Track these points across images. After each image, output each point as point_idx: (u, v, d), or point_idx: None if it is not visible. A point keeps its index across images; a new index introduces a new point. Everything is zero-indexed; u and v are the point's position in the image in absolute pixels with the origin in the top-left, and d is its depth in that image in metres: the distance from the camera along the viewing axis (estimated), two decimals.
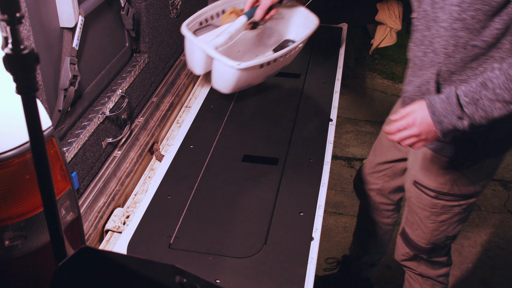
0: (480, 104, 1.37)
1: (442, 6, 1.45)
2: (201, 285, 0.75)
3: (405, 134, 1.48)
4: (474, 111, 1.38)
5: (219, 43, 1.94)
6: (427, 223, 1.85)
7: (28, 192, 1.01)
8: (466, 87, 1.39)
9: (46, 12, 1.47)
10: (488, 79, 1.36)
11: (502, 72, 1.34)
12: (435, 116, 1.42)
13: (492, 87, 1.35)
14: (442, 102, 1.41)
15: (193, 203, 1.60)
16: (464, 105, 1.38)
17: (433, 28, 1.50)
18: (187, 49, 2.00)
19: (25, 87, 0.66)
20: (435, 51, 1.52)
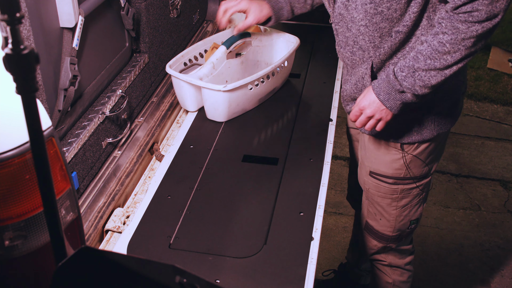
0: (417, 75, 1.49)
1: (355, 7, 1.56)
2: (201, 285, 0.75)
3: (362, 118, 1.62)
4: (412, 82, 1.51)
5: (204, 73, 1.99)
6: (390, 211, 1.90)
7: (28, 192, 1.01)
8: (401, 63, 1.53)
9: (46, 12, 1.47)
10: (419, 52, 1.49)
11: (428, 44, 1.47)
12: (380, 96, 1.56)
13: (423, 59, 1.48)
14: (383, 81, 1.56)
15: (193, 203, 1.60)
16: (402, 79, 1.51)
17: (353, 28, 1.60)
18: (176, 87, 2.04)
19: (25, 87, 0.66)
20: (362, 48, 1.63)
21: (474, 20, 1.39)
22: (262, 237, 1.47)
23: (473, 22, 1.40)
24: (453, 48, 1.44)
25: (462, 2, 1.39)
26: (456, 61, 1.46)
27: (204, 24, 2.81)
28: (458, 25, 1.41)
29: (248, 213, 1.57)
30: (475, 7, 1.38)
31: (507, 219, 3.05)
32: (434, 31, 1.48)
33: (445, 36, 1.44)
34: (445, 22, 1.44)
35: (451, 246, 2.84)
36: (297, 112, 2.05)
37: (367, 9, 1.53)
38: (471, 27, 1.41)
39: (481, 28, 1.40)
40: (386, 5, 1.50)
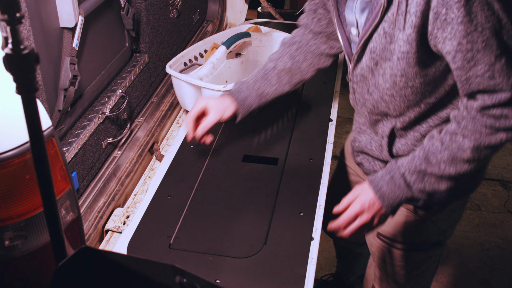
0: (427, 180, 1.30)
1: (382, 74, 1.34)
2: (201, 285, 0.75)
3: (356, 224, 1.36)
4: (421, 188, 1.31)
5: (204, 73, 2.00)
6: (399, 279, 1.70)
7: (28, 192, 1.01)
8: (409, 164, 1.32)
9: (46, 12, 1.47)
10: (431, 153, 1.29)
11: (445, 147, 1.27)
12: (384, 201, 1.34)
13: (437, 162, 1.28)
14: (388, 184, 1.34)
15: (193, 203, 1.59)
16: (411, 183, 1.31)
17: (375, 93, 1.39)
18: (175, 87, 2.05)
19: (25, 87, 0.66)
20: (381, 113, 1.43)
21: (501, 126, 1.21)
22: (262, 237, 1.47)
23: (499, 128, 1.21)
24: (473, 155, 1.25)
25: (492, 103, 1.20)
26: (471, 169, 1.27)
27: (204, 24, 2.81)
28: (482, 129, 1.22)
29: (248, 213, 1.56)
30: (505, 113, 1.20)
31: (507, 219, 3.05)
32: (451, 130, 1.27)
33: (466, 141, 1.24)
34: (465, 123, 1.24)
35: (451, 246, 2.84)
36: (297, 112, 2.05)
37: (396, 81, 1.31)
38: (495, 134, 1.22)
39: (505, 137, 1.23)
40: (419, 81, 1.30)
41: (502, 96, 1.19)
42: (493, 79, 1.18)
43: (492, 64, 1.17)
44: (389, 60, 1.29)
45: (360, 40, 1.33)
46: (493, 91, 1.19)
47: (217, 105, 1.63)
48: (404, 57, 1.25)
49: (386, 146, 1.46)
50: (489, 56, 1.16)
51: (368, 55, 1.34)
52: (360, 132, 1.57)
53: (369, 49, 1.32)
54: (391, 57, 1.28)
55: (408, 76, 1.29)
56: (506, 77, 1.17)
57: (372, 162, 1.56)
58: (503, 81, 1.17)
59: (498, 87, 1.18)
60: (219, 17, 2.86)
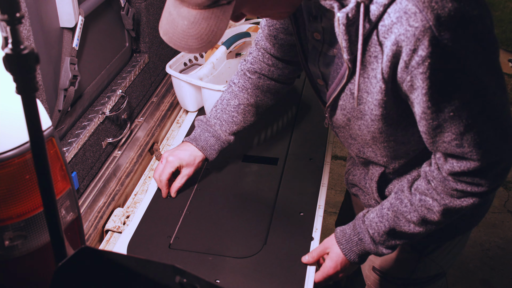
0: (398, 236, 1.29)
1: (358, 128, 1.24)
2: (201, 285, 0.75)
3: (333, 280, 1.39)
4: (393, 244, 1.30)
5: (204, 73, 2.00)
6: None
7: (28, 192, 1.01)
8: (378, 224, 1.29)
9: (46, 12, 1.47)
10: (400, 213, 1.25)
11: (415, 208, 1.23)
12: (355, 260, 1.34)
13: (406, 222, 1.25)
14: (358, 246, 1.33)
15: (193, 203, 1.59)
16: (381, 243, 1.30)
17: (359, 138, 1.30)
18: (175, 87, 2.04)
19: (25, 87, 0.66)
20: (369, 159, 1.36)
21: (472, 191, 1.16)
22: (262, 237, 1.47)
23: (470, 193, 1.16)
24: (442, 217, 1.21)
25: (461, 170, 1.13)
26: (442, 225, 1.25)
27: None
28: (453, 192, 1.17)
29: (248, 213, 1.56)
30: (476, 180, 1.14)
31: (507, 219, 3.05)
32: (420, 189, 1.22)
33: (435, 204, 1.20)
34: (435, 183, 1.19)
35: None
36: (297, 112, 2.05)
37: (376, 136, 1.23)
38: (466, 198, 1.18)
39: (477, 200, 1.18)
40: (401, 133, 1.22)
41: (471, 164, 1.12)
42: (461, 148, 1.10)
43: (461, 133, 1.08)
44: (361, 119, 1.21)
45: (329, 98, 1.26)
46: (461, 158, 1.12)
47: (187, 160, 1.60)
48: (378, 119, 1.17)
49: (376, 191, 1.41)
50: (457, 126, 1.07)
51: (339, 111, 1.26)
52: (354, 165, 1.53)
53: (340, 106, 1.24)
54: (362, 117, 1.20)
55: (387, 132, 1.21)
56: (475, 147, 1.09)
57: (366, 196, 1.51)
58: (472, 151, 1.10)
59: (467, 155, 1.11)
60: None
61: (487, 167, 1.13)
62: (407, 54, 1.00)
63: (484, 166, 1.12)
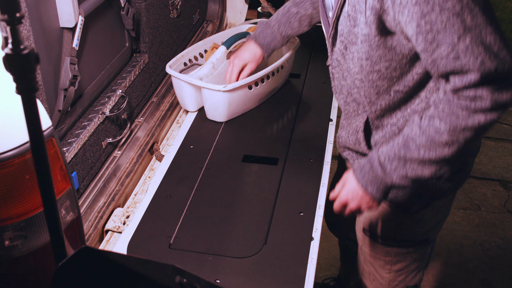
0: (408, 167, 1.29)
1: (351, 57, 1.37)
2: (201, 285, 0.75)
3: (347, 210, 1.43)
4: (403, 174, 1.31)
5: (204, 73, 2.00)
6: (383, 273, 1.71)
7: (28, 192, 1.01)
8: (389, 151, 1.32)
9: (46, 12, 1.47)
10: (410, 139, 1.28)
11: (422, 130, 1.26)
12: (367, 188, 1.36)
13: (415, 148, 1.27)
14: (369, 173, 1.35)
15: (193, 203, 1.59)
16: (392, 171, 1.31)
17: (348, 78, 1.43)
18: (175, 87, 2.04)
19: (25, 87, 0.66)
20: (356, 101, 1.45)
21: (477, 107, 1.18)
22: (262, 237, 1.47)
23: (475, 110, 1.18)
24: (451, 138, 1.22)
25: (463, 85, 1.17)
26: (453, 153, 1.25)
27: (204, 24, 2.81)
28: (458, 111, 1.20)
29: (248, 213, 1.57)
30: (479, 94, 1.17)
31: (507, 219, 3.05)
32: (429, 114, 1.25)
33: (442, 124, 1.22)
34: (442, 106, 1.22)
35: (451, 246, 2.84)
36: (297, 112, 2.05)
37: (362, 65, 1.34)
38: (472, 115, 1.19)
39: (484, 119, 1.19)
40: (384, 64, 1.31)
41: (471, 77, 1.15)
42: (459, 60, 1.15)
43: (455, 44, 1.13)
44: (355, 43, 1.32)
45: (331, 22, 1.39)
46: (461, 72, 1.17)
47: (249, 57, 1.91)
48: (366, 39, 1.28)
49: (363, 140, 1.49)
50: (451, 36, 1.13)
51: (338, 38, 1.39)
52: (342, 128, 1.60)
53: (339, 32, 1.38)
54: (356, 41, 1.32)
55: (372, 59, 1.31)
56: (472, 56, 1.13)
57: (356, 158, 1.57)
58: (469, 61, 1.14)
59: (465, 67, 1.15)
60: (219, 17, 2.86)
61: (486, 78, 1.15)
62: None
63: (483, 77, 1.15)
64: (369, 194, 1.36)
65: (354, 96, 1.44)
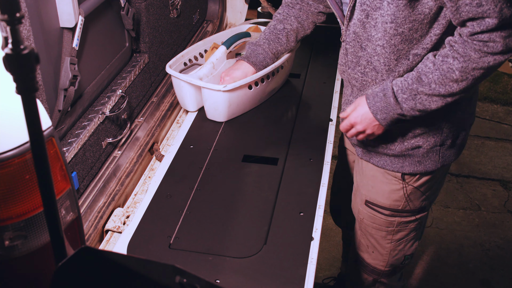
0: (418, 98, 1.43)
1: (374, 24, 1.45)
2: (201, 285, 0.75)
3: (353, 131, 1.57)
4: (412, 105, 1.44)
5: (204, 73, 2.00)
6: (384, 244, 1.79)
7: (28, 192, 1.01)
8: (402, 83, 1.45)
9: (46, 12, 1.47)
10: (423, 73, 1.41)
11: (436, 67, 1.40)
12: (377, 115, 1.49)
13: (428, 82, 1.41)
14: (381, 101, 1.48)
15: (193, 203, 1.60)
16: (403, 101, 1.45)
17: (369, 47, 1.50)
18: (175, 87, 2.04)
19: (25, 87, 0.66)
20: (375, 69, 1.52)
21: (488, 50, 1.33)
22: (262, 237, 1.47)
23: (487, 52, 1.33)
24: (461, 76, 1.37)
25: (481, 29, 1.31)
26: (461, 89, 1.40)
27: (204, 24, 2.81)
28: (471, 53, 1.34)
29: (248, 213, 1.57)
30: (492, 38, 1.31)
31: (507, 219, 3.05)
32: (443, 53, 1.40)
33: (455, 62, 1.36)
34: (457, 46, 1.36)
35: (451, 246, 2.84)
36: (297, 112, 2.05)
37: (386, 29, 1.42)
38: (483, 57, 1.34)
39: (493, 60, 1.34)
40: (407, 26, 1.40)
41: (489, 22, 1.29)
42: (481, 7, 1.28)
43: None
44: (379, 8, 1.41)
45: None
46: (481, 17, 1.30)
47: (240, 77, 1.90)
48: (393, 1, 1.37)
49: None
50: None
51: (359, 8, 1.46)
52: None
53: (359, 2, 1.45)
54: (380, 5, 1.40)
55: (397, 21, 1.40)
56: (493, 4, 1.27)
57: None
58: (490, 8, 1.28)
59: (486, 14, 1.29)
60: (219, 17, 2.86)
61: (503, 25, 1.30)
62: None
63: (500, 23, 1.29)
64: (378, 120, 1.50)
65: (374, 64, 1.52)
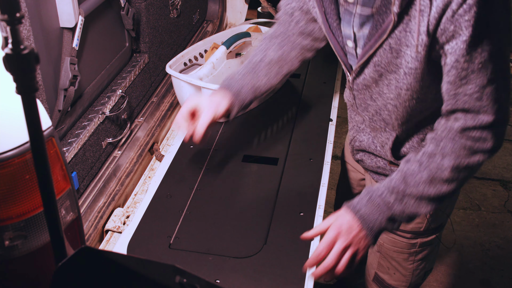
0: (405, 201, 1.26)
1: (387, 84, 1.31)
2: (201, 285, 0.75)
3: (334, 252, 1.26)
4: (401, 209, 1.27)
5: (204, 73, 2.00)
6: (406, 266, 1.71)
7: (28, 192, 1.01)
8: (387, 184, 1.28)
9: (46, 12, 1.47)
10: (409, 175, 1.26)
11: (424, 167, 1.25)
12: (364, 222, 1.27)
13: (415, 183, 1.25)
14: (367, 205, 1.28)
15: (193, 203, 1.59)
16: (390, 204, 1.27)
17: (379, 100, 1.38)
18: (175, 87, 2.04)
19: (25, 87, 0.66)
20: (384, 120, 1.42)
21: (478, 149, 1.22)
22: (262, 237, 1.47)
23: (476, 150, 1.22)
24: (452, 175, 1.24)
25: (473, 125, 1.20)
26: (451, 189, 1.26)
27: (204, 24, 2.81)
28: (461, 150, 1.22)
29: (248, 213, 1.56)
30: (484, 136, 1.21)
31: (507, 219, 3.05)
32: (428, 151, 1.26)
33: (445, 160, 1.23)
34: (444, 143, 1.24)
35: (452, 246, 2.84)
36: (297, 112, 2.05)
37: (401, 94, 1.30)
38: (473, 155, 1.23)
39: (482, 158, 1.24)
40: (424, 91, 1.29)
41: (484, 119, 1.20)
42: (480, 101, 1.18)
43: (483, 86, 1.16)
44: (395, 73, 1.27)
45: (364, 55, 1.29)
46: (477, 112, 1.20)
47: (209, 102, 1.49)
48: (412, 73, 1.24)
49: (391, 156, 1.47)
50: (482, 78, 1.16)
51: (371, 67, 1.30)
52: (359, 131, 1.57)
53: (373, 62, 1.29)
54: (397, 70, 1.26)
55: (414, 89, 1.28)
56: (493, 101, 1.18)
57: (374, 159, 1.57)
58: (489, 104, 1.18)
59: (483, 109, 1.19)
60: (219, 17, 2.86)
61: (496, 123, 1.21)
62: (457, 3, 1.08)
63: (493, 122, 1.20)
64: (365, 228, 1.27)
65: (384, 116, 1.41)
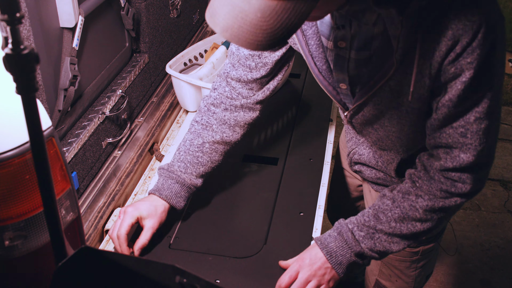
0: (377, 238, 1.26)
1: (389, 117, 1.27)
2: (201, 285, 0.75)
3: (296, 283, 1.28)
4: (372, 245, 1.26)
5: (204, 73, 2.01)
6: (409, 273, 1.71)
7: (28, 192, 1.01)
8: (358, 220, 1.28)
9: (46, 12, 1.47)
10: (381, 211, 1.25)
11: (397, 205, 1.24)
12: (332, 257, 1.27)
13: (387, 220, 1.25)
14: (336, 240, 1.28)
15: (193, 203, 1.59)
16: (360, 239, 1.26)
17: (381, 131, 1.34)
18: (175, 87, 2.04)
19: (25, 87, 0.66)
20: (387, 148, 1.40)
21: (456, 191, 1.20)
22: (262, 237, 1.47)
23: (453, 193, 1.21)
24: (425, 216, 1.23)
25: (453, 166, 1.18)
26: (425, 229, 1.25)
27: (204, 24, 2.81)
28: (437, 192, 1.21)
29: (248, 213, 1.57)
30: (463, 179, 1.19)
31: (507, 219, 3.06)
32: (404, 189, 1.25)
33: (419, 200, 1.22)
34: (421, 183, 1.23)
35: (451, 246, 2.84)
36: (297, 112, 2.05)
37: (404, 128, 1.28)
38: (450, 198, 1.22)
39: (459, 201, 1.22)
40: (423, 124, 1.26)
41: (464, 159, 1.16)
42: (464, 137, 1.15)
43: (470, 123, 1.14)
44: (396, 109, 1.24)
45: (362, 96, 1.25)
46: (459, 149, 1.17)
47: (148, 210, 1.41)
48: (414, 112, 1.22)
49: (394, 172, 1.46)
50: (471, 115, 1.13)
51: (371, 106, 1.27)
52: (359, 144, 1.55)
53: (373, 102, 1.25)
54: (399, 107, 1.23)
55: (417, 125, 1.26)
56: (477, 140, 1.15)
57: (373, 171, 1.56)
58: (473, 143, 1.15)
59: (466, 147, 1.16)
60: None
61: (476, 166, 1.18)
62: (461, 47, 1.05)
63: (474, 164, 1.17)
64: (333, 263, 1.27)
65: (386, 143, 1.38)
